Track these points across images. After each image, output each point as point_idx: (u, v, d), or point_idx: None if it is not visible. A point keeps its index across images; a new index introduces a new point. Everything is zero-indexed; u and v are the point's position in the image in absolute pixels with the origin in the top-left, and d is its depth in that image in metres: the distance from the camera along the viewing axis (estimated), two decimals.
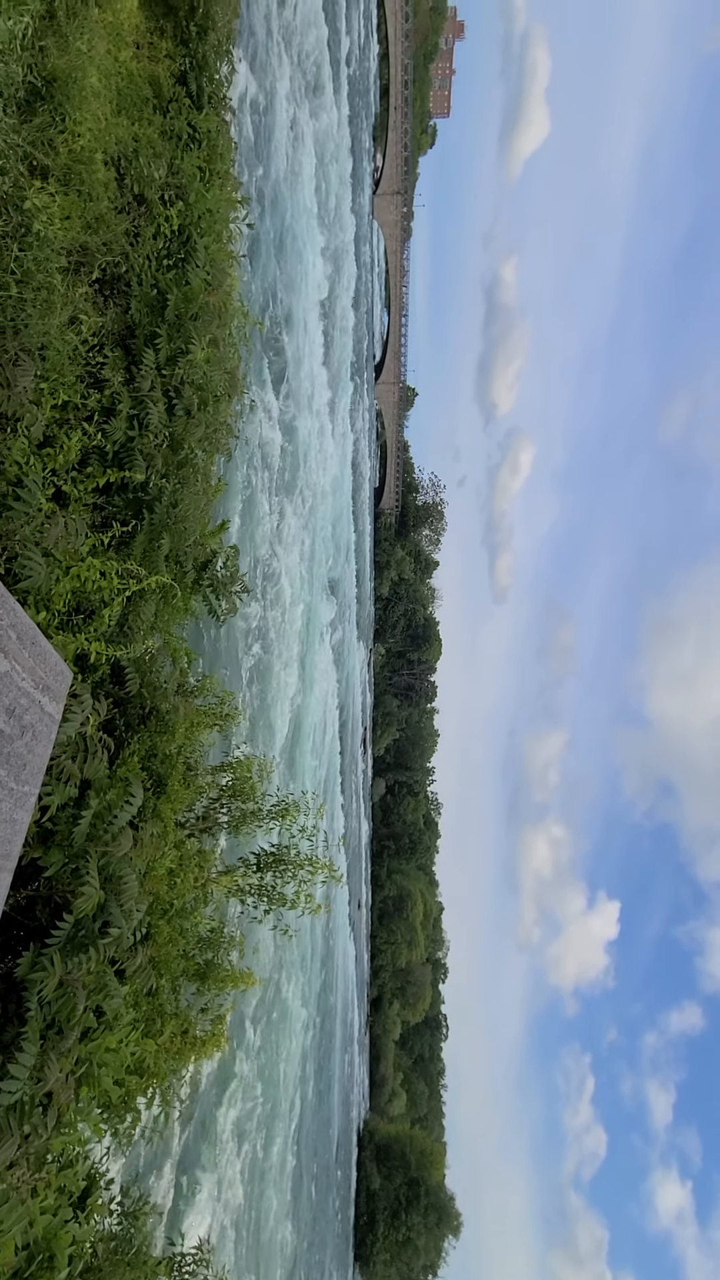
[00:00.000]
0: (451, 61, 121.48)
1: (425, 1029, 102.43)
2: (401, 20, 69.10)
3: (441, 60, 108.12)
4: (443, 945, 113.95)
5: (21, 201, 6.21)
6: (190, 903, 8.00)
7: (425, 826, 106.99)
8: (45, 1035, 5.11)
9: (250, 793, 9.32)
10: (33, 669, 2.15)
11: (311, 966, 42.96)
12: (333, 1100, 51.80)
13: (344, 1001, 59.86)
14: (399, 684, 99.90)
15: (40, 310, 6.22)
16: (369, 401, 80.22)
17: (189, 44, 9.74)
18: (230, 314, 9.99)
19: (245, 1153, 26.60)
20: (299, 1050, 37.76)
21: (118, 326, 7.70)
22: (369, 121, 70.06)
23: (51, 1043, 5.11)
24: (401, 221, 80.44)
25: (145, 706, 7.35)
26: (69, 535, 5.98)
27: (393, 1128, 72.99)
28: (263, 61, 30.12)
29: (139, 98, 8.75)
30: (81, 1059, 5.49)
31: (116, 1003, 5.63)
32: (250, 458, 28.54)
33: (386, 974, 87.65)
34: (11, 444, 5.75)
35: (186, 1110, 20.28)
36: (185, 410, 8.03)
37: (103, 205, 7.25)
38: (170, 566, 8.12)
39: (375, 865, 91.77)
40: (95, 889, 5.37)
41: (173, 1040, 7.37)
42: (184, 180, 8.57)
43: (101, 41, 7.95)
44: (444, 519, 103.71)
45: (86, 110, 7.10)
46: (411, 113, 74.46)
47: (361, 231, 65.15)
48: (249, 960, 9.70)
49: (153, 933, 6.65)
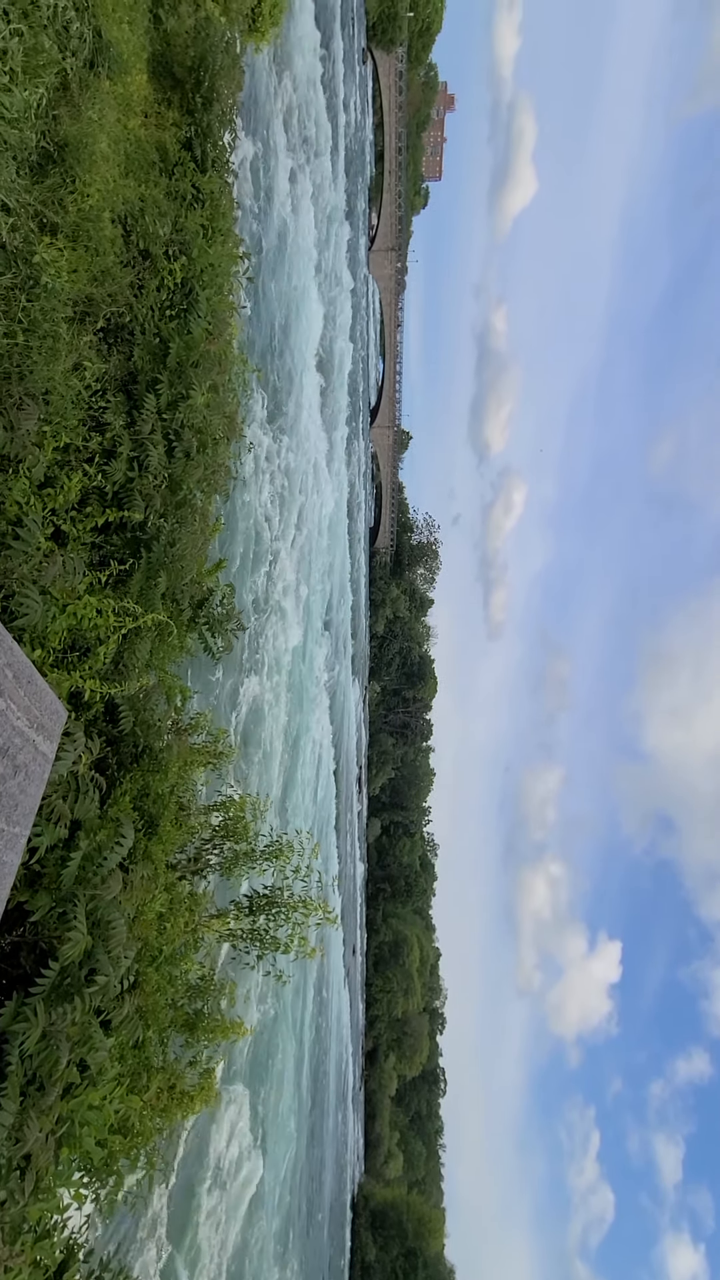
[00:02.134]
0: (443, 130, 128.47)
1: (422, 1084, 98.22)
2: (395, 93, 73.44)
3: (433, 129, 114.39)
4: (440, 994, 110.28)
5: (31, 255, 6.47)
6: (180, 948, 7.77)
7: (421, 868, 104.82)
8: (25, 1091, 4.89)
9: (243, 833, 9.16)
10: (28, 708, 2.15)
11: (304, 1014, 41.43)
12: (325, 1162, 49.24)
13: (338, 1054, 57.51)
14: (394, 722, 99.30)
15: (45, 357, 6.42)
16: (365, 444, 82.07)
17: (194, 114, 10.31)
18: (230, 361, 10.31)
19: (233, 1219, 25.13)
20: (290, 1107, 36.08)
21: (120, 373, 7.93)
22: (365, 184, 73.68)
23: (32, 1099, 4.89)
24: (396, 275, 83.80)
25: (138, 745, 7.29)
26: (67, 574, 6.03)
27: (389, 1192, 69.26)
28: (265, 128, 31.83)
29: (146, 161, 9.21)
30: (63, 1117, 5.24)
31: (101, 1056, 5.41)
32: (248, 498, 29.01)
33: (382, 1024, 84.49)
34: (13, 484, 5.85)
35: (170, 1174, 19.25)
36: (184, 452, 8.20)
37: (109, 259, 7.55)
38: (167, 604, 8.17)
39: (370, 909, 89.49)
40: (83, 934, 5.22)
41: (159, 1096, 7.05)
42: (187, 237, 8.96)
43: (112, 111, 8.41)
44: (438, 558, 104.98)
45: (96, 173, 7.47)
46: (405, 176, 78.46)
47: (358, 285, 67.78)
48: (239, 1008, 9.38)
49: (141, 980, 6.43)
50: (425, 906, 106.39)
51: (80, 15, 7.63)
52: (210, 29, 10.43)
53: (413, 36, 78.99)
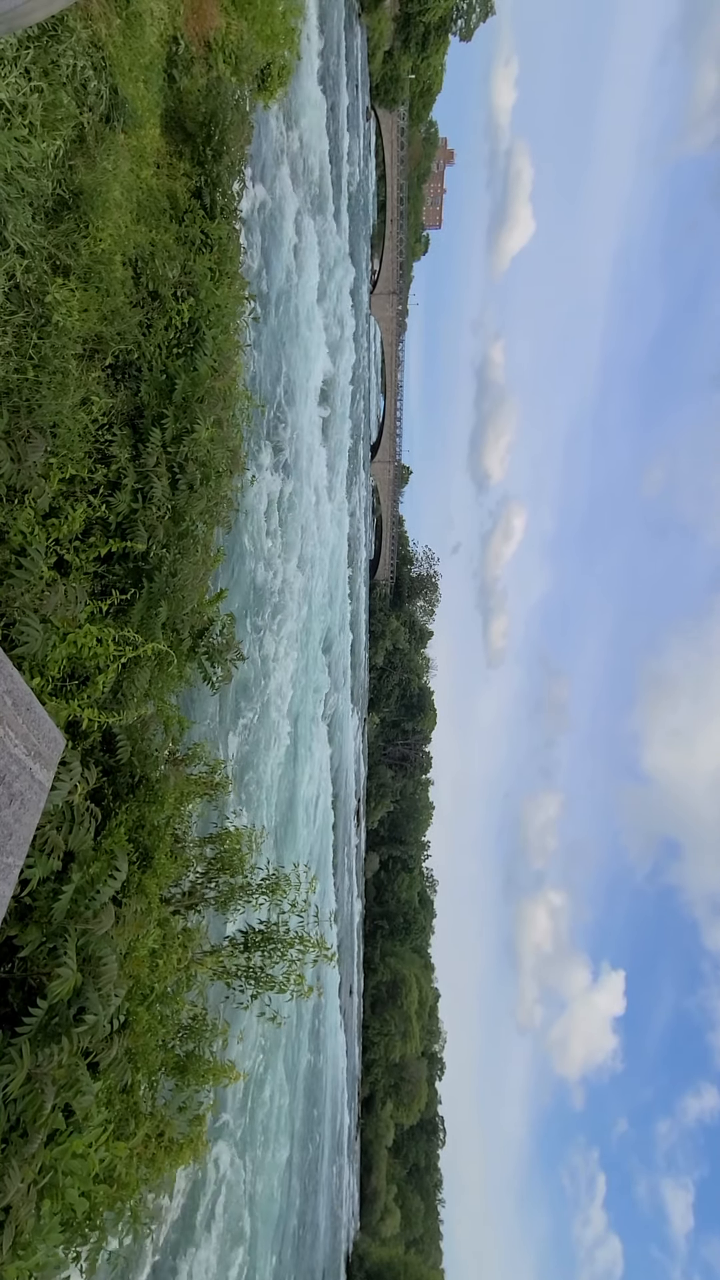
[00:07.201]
0: (443, 182, 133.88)
1: (421, 1133, 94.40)
2: (397, 148, 76.80)
3: (433, 181, 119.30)
4: (439, 1037, 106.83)
5: (44, 295, 6.68)
6: (172, 987, 7.56)
7: (420, 905, 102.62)
8: (7, 1138, 4.70)
9: (239, 866, 9.00)
10: (26, 735, 2.14)
11: (298, 1057, 40.05)
12: (320, 1217, 46.99)
13: (334, 1100, 55.39)
14: (393, 754, 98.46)
15: (54, 392, 6.57)
16: (365, 478, 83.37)
17: (205, 164, 10.76)
18: (235, 397, 10.55)
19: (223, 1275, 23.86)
20: (283, 1156, 34.59)
21: (127, 407, 8.11)
22: (368, 232, 76.44)
23: (14, 1147, 4.69)
24: (397, 317, 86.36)
25: (135, 775, 7.22)
26: (68, 603, 6.06)
27: (385, 1252, 65.90)
28: (272, 178, 33.19)
29: (157, 209, 9.58)
30: (46, 1166, 5.02)
31: (88, 1100, 5.21)
32: (251, 530, 29.33)
33: (379, 1069, 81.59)
34: (18, 514, 5.93)
35: (158, 1232, 18.34)
36: (188, 485, 8.33)
37: (119, 300, 7.79)
38: (167, 634, 8.19)
39: (368, 947, 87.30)
40: (72, 970, 5.09)
41: (146, 1144, 6.76)
42: (195, 279, 9.26)
43: (125, 161, 8.78)
44: (438, 590, 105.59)
45: (108, 218, 7.76)
46: (406, 225, 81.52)
47: (360, 326, 69.78)
48: (231, 1051, 9.06)
49: (131, 1020, 6.24)
50: (424, 944, 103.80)
51: (98, 74, 8.03)
52: (221, 87, 10.96)
53: (414, 96, 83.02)
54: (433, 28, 77.39)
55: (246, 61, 12.69)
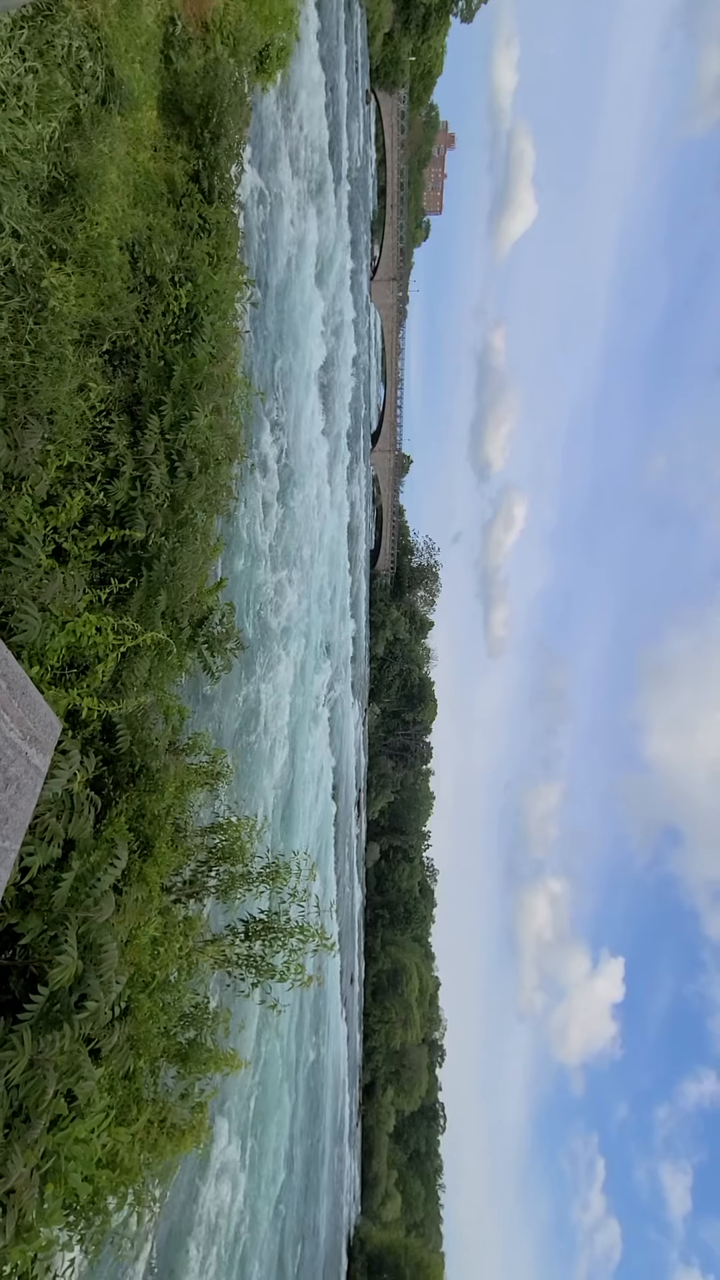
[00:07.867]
0: (444, 167, 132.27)
1: (421, 1119, 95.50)
2: (397, 132, 75.81)
3: (434, 165, 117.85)
4: (439, 1025, 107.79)
5: (39, 280, 6.60)
6: (173, 975, 7.59)
7: (421, 894, 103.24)
8: (10, 1123, 4.73)
9: (240, 855, 9.01)
10: (20, 719, 2.12)
11: (300, 1044, 40.44)
12: (321, 1201, 47.63)
13: (335, 1087, 56.00)
14: (394, 745, 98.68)
15: (51, 378, 6.51)
16: (366, 468, 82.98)
17: (202, 148, 10.61)
18: (233, 384, 10.46)
19: (224, 1267, 24.21)
20: (285, 1143, 35.01)
21: (125, 394, 8.04)
22: (368, 217, 75.61)
23: (17, 1132, 4.73)
24: (397, 304, 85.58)
25: (135, 764, 7.22)
26: (67, 591, 6.03)
27: (386, 1235, 66.86)
28: (271, 162, 32.78)
29: (155, 192, 9.45)
30: (48, 1151, 5.06)
31: (90, 1086, 5.24)
32: (250, 520, 29.23)
33: (380, 1056, 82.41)
34: (16, 502, 5.88)
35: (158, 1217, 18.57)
36: (187, 473, 8.27)
37: (116, 285, 7.70)
38: (166, 623, 8.16)
39: (368, 936, 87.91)
40: (73, 958, 5.10)
41: (148, 1130, 6.82)
42: (193, 264, 9.15)
43: (122, 144, 8.65)
44: (438, 580, 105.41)
45: (105, 202, 7.65)
46: (406, 210, 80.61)
47: (360, 313, 69.18)
48: (233, 1039, 9.12)
49: (132, 1008, 6.27)
50: (425, 934, 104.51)
51: (94, 55, 7.89)
52: (219, 69, 10.78)
53: (414, 79, 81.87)
54: (433, 9, 76.22)
55: (245, 43, 12.48)
